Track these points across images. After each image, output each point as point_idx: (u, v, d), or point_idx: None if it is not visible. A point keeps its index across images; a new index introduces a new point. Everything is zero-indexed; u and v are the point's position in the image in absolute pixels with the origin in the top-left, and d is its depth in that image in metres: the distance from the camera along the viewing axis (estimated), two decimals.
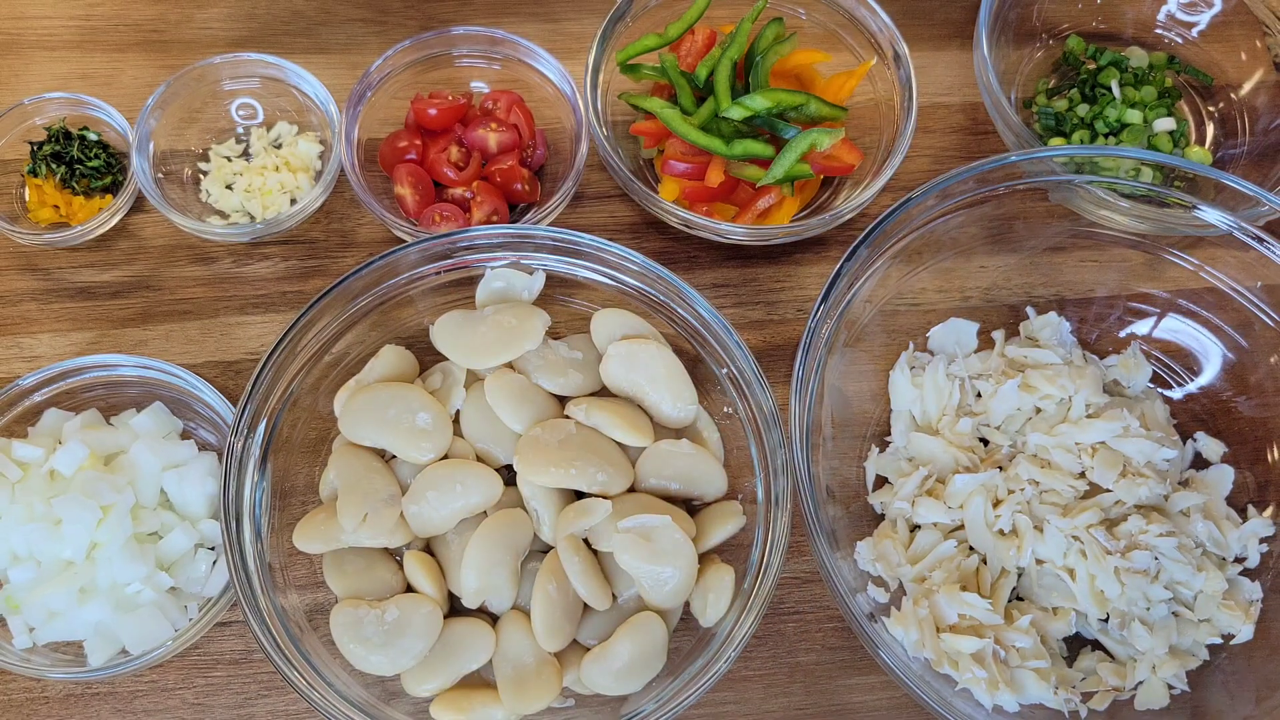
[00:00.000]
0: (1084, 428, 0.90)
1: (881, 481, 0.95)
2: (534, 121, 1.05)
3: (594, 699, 0.83)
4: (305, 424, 0.89)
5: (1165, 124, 1.07)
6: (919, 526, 0.91)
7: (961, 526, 0.90)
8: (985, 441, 0.94)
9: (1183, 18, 1.14)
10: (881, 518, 0.94)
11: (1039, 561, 0.88)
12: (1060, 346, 0.97)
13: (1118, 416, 0.90)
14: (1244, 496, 0.94)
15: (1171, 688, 0.87)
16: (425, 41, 1.05)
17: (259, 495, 0.84)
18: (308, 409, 0.89)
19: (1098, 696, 0.86)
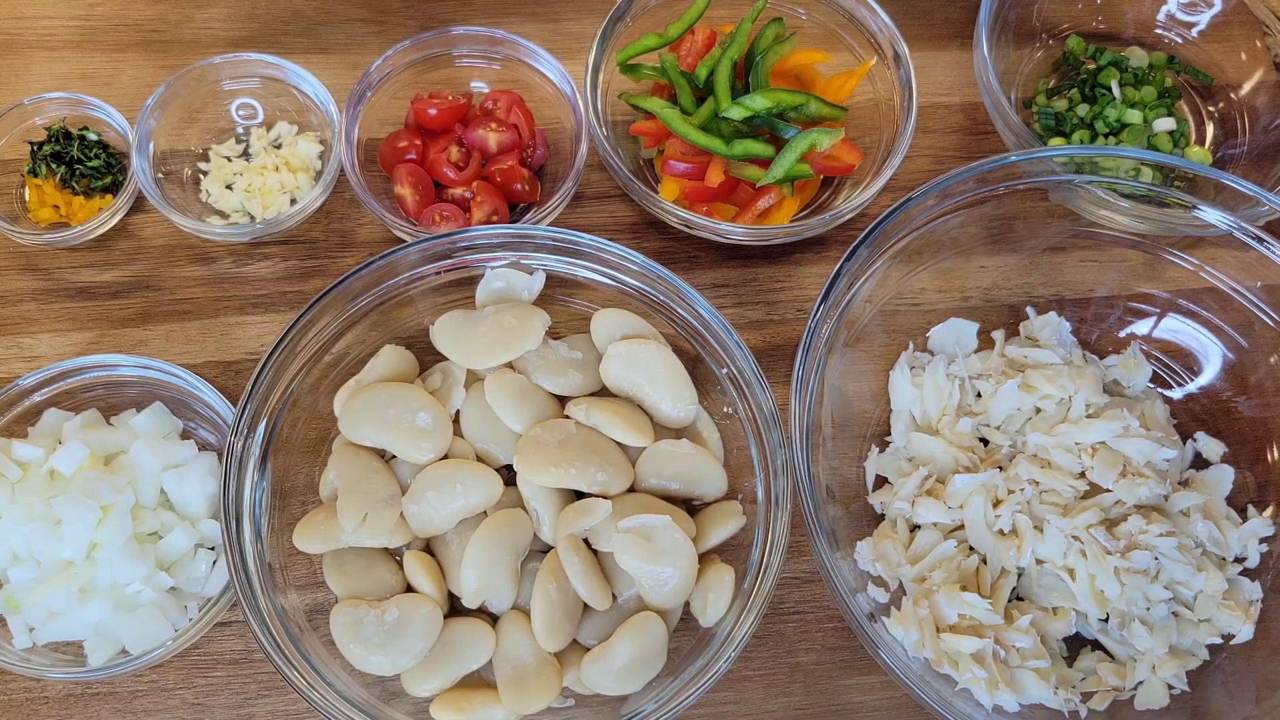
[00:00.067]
0: (1084, 428, 0.90)
1: (881, 481, 0.95)
2: (534, 121, 1.05)
3: (594, 699, 0.83)
4: (305, 424, 0.89)
5: (1165, 124, 1.07)
6: (919, 526, 0.91)
7: (961, 526, 0.90)
8: (985, 441, 0.94)
9: (1183, 18, 1.14)
10: (881, 518, 0.94)
11: (1039, 561, 0.88)
12: (1060, 346, 0.97)
13: (1118, 416, 0.90)
14: (1244, 496, 0.94)
15: (1171, 688, 0.87)
16: (425, 41, 1.05)
17: (259, 495, 0.84)
18: (308, 409, 0.89)
19: (1098, 696, 0.86)
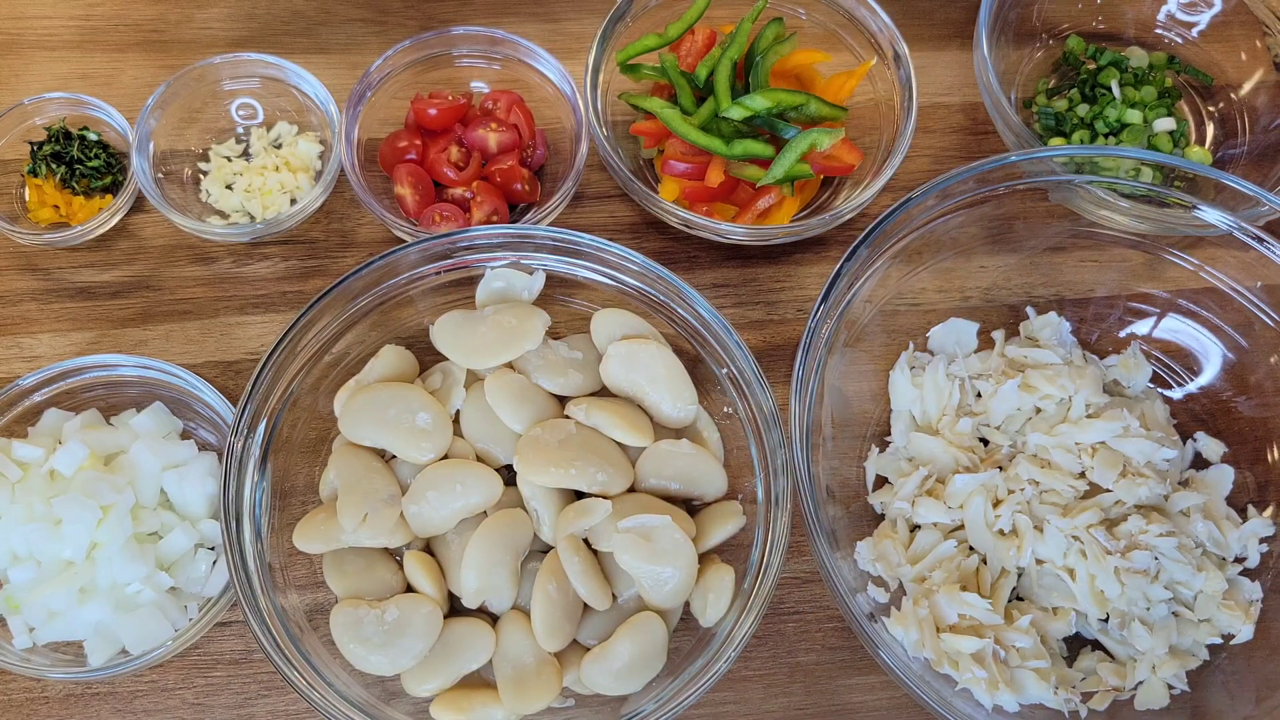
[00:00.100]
0: (1084, 428, 0.90)
1: (881, 481, 0.95)
2: (534, 121, 1.05)
3: (594, 699, 0.83)
4: (305, 424, 0.89)
5: (1165, 124, 1.07)
6: (919, 526, 0.91)
7: (961, 526, 0.90)
8: (985, 441, 0.94)
9: (1183, 18, 1.14)
10: (881, 518, 0.94)
11: (1039, 561, 0.88)
12: (1060, 346, 0.97)
13: (1118, 416, 0.90)
14: (1244, 496, 0.94)
15: (1171, 688, 0.87)
16: (425, 41, 1.05)
17: (259, 495, 0.84)
18: (308, 409, 0.89)
19: (1098, 696, 0.86)
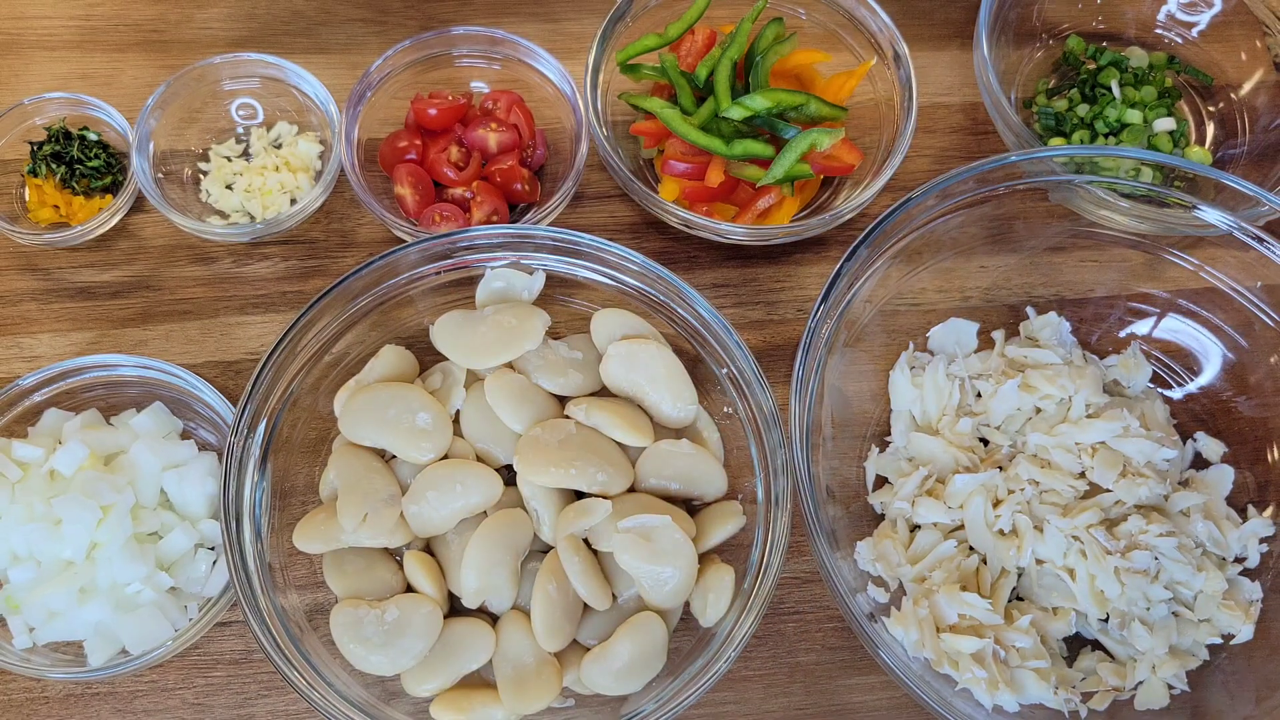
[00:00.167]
0: (1084, 428, 0.90)
1: (881, 481, 0.95)
2: (534, 121, 1.05)
3: (594, 699, 0.83)
4: (305, 424, 0.89)
5: (1165, 124, 1.07)
6: (919, 526, 0.91)
7: (961, 526, 0.90)
8: (985, 441, 0.94)
9: (1183, 18, 1.14)
10: (881, 518, 0.93)
11: (1039, 561, 0.88)
12: (1060, 346, 0.97)
13: (1118, 416, 0.90)
14: (1244, 496, 0.94)
15: (1171, 688, 0.87)
16: (425, 41, 1.05)
17: (259, 495, 0.84)
18: (308, 409, 0.89)
19: (1098, 696, 0.86)
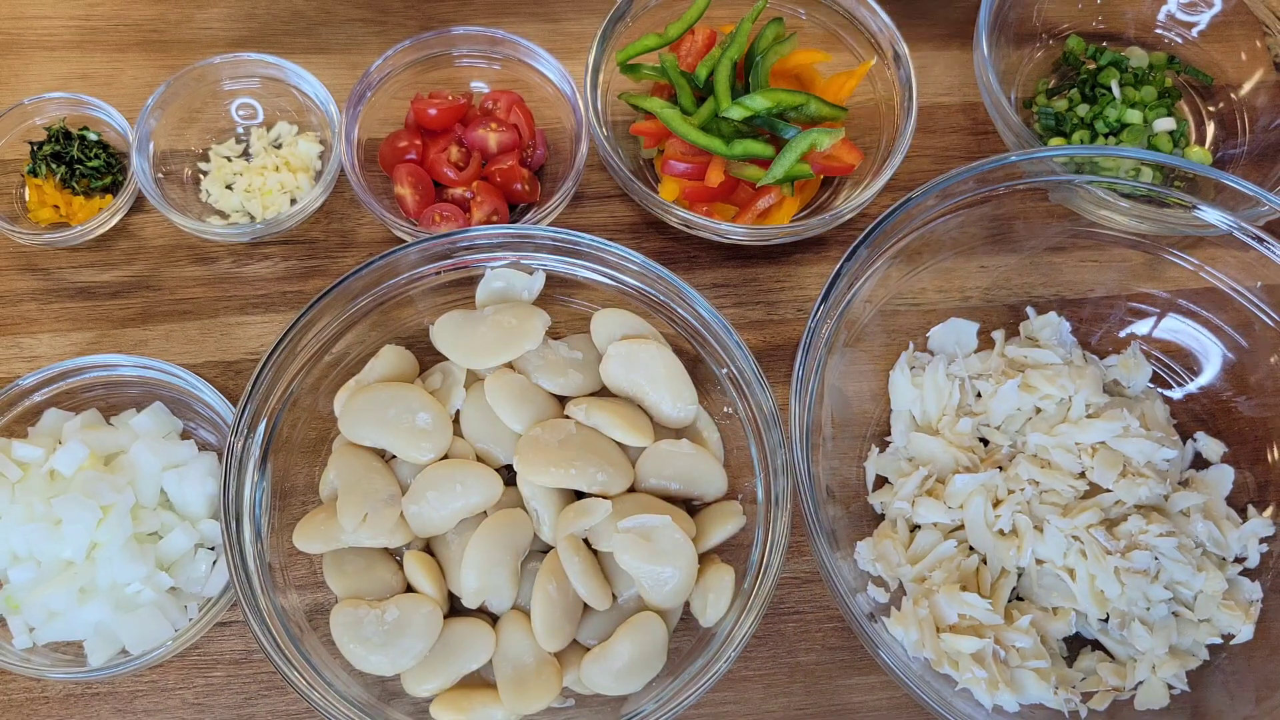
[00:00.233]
0: (1084, 428, 0.90)
1: (881, 481, 0.95)
2: (534, 121, 1.05)
3: (594, 699, 0.83)
4: (305, 424, 0.89)
5: (1165, 124, 1.07)
6: (919, 526, 0.91)
7: (961, 526, 0.90)
8: (985, 441, 0.94)
9: (1183, 18, 1.14)
10: (881, 518, 0.93)
11: (1039, 561, 0.88)
12: (1060, 346, 0.97)
13: (1118, 416, 0.90)
14: (1244, 496, 0.94)
15: (1171, 688, 0.87)
16: (425, 41, 1.05)
17: (259, 495, 0.84)
18: (308, 409, 0.89)
19: (1098, 696, 0.86)
